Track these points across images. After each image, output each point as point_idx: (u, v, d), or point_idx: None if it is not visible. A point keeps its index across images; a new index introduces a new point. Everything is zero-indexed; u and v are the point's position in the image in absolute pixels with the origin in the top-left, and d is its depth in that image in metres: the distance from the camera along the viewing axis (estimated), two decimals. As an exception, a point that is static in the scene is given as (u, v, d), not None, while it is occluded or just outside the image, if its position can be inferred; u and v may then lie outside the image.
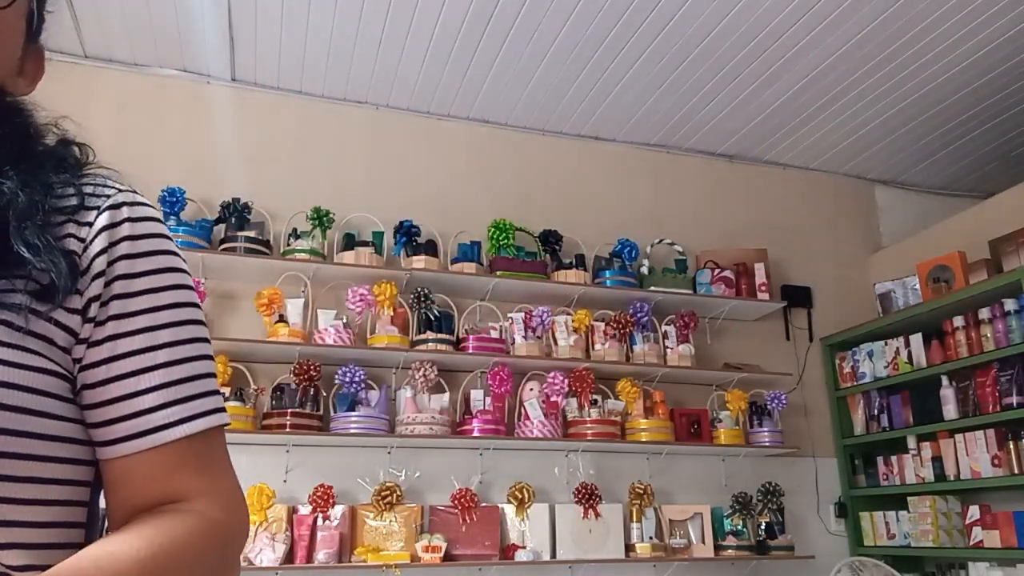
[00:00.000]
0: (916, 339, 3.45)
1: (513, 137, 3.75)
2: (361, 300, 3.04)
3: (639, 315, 3.42)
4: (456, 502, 3.03)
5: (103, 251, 0.63)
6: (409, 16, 2.97)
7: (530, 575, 3.15)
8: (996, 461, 3.07)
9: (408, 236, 3.25)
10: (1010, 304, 3.05)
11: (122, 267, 0.64)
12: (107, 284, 0.63)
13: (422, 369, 3.04)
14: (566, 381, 3.20)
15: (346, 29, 3.04)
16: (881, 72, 3.37)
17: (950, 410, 3.26)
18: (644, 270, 3.57)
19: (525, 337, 3.23)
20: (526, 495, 3.10)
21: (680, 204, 3.93)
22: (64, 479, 0.61)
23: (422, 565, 2.87)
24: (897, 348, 3.53)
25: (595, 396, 3.27)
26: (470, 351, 3.13)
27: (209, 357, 0.67)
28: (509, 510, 3.12)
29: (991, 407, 3.09)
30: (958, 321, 3.26)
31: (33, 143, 0.68)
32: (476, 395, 3.18)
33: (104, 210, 0.65)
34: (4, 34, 0.67)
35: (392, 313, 3.08)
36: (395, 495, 2.93)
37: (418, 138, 3.60)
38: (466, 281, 3.26)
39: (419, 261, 3.19)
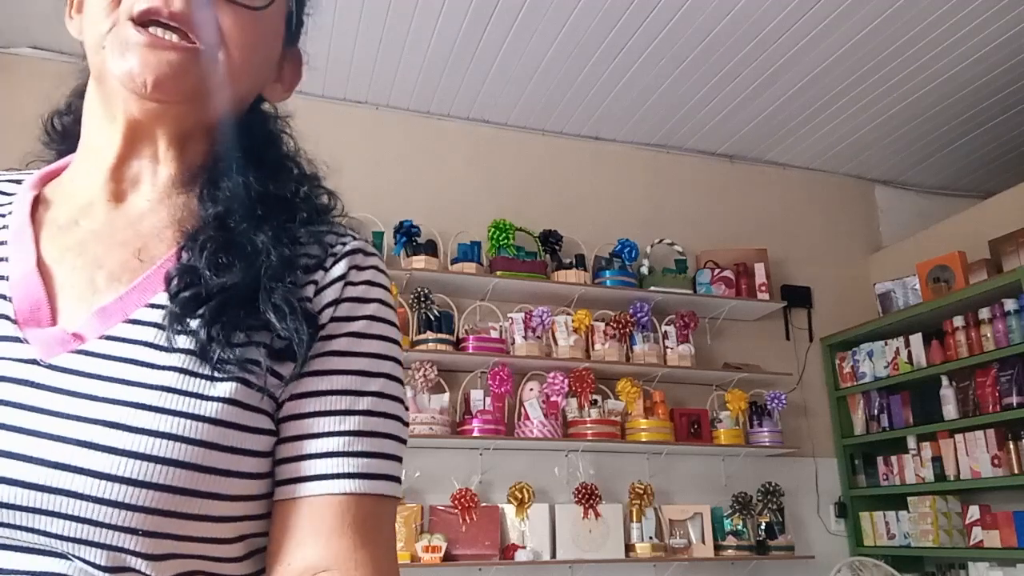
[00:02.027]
0: (916, 339, 3.45)
1: (513, 137, 3.75)
2: (361, 300, 3.03)
3: (639, 315, 3.42)
4: (456, 502, 3.03)
5: (331, 304, 0.62)
6: (409, 16, 2.97)
7: (530, 575, 3.15)
8: (996, 461, 3.07)
9: (408, 236, 3.25)
10: (1010, 304, 3.05)
11: (339, 329, 0.62)
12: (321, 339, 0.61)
13: (422, 369, 3.04)
14: (566, 381, 3.20)
15: (346, 29, 3.04)
16: (881, 72, 3.37)
17: (950, 410, 3.26)
18: (644, 270, 3.57)
19: (525, 337, 3.23)
20: (526, 495, 3.10)
21: (680, 204, 3.93)
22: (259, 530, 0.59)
23: (422, 565, 2.87)
24: (897, 348, 3.53)
25: (595, 396, 3.27)
26: (470, 351, 3.13)
27: (401, 440, 0.63)
28: (509, 510, 3.12)
29: (991, 407, 3.09)
30: (958, 321, 3.26)
31: (286, 177, 0.67)
32: (476, 395, 3.18)
33: (340, 259, 0.64)
34: (263, 37, 0.65)
35: (392, 313, 3.08)
36: (395, 495, 2.93)
37: (418, 138, 3.60)
38: (466, 281, 3.26)
39: (419, 261, 3.19)
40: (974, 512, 3.16)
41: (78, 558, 0.51)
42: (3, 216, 0.62)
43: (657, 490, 3.31)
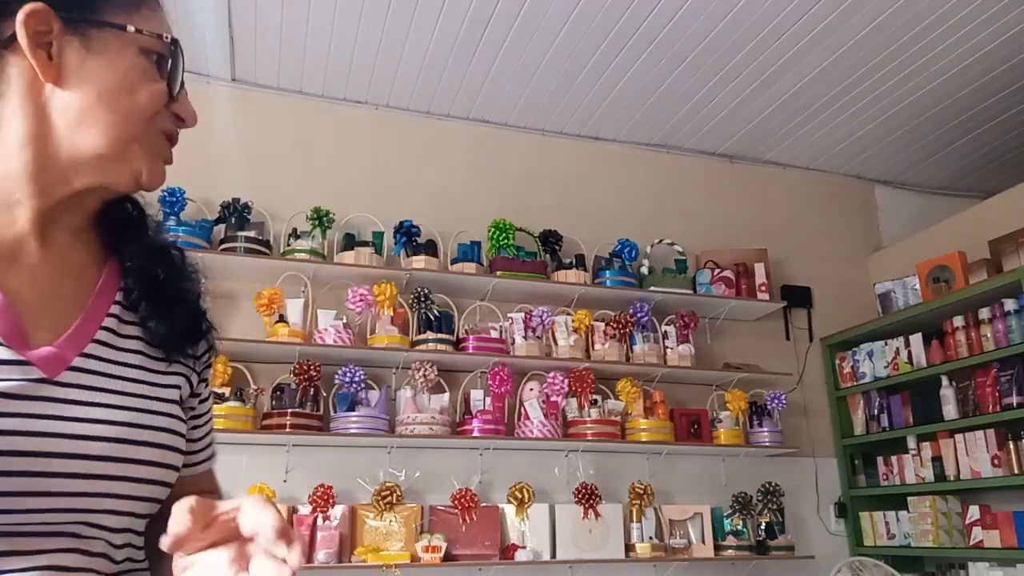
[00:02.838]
0: (916, 339, 3.45)
1: (513, 137, 3.75)
2: (361, 300, 3.04)
3: (639, 315, 3.42)
4: (456, 502, 3.03)
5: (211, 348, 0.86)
6: (409, 16, 2.97)
7: (530, 575, 3.15)
8: (996, 461, 3.07)
9: (408, 236, 3.25)
10: (1010, 304, 3.05)
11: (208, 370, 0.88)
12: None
13: (422, 369, 3.04)
14: (566, 381, 3.19)
15: (346, 29, 3.04)
16: (881, 72, 3.37)
17: (950, 410, 3.26)
18: (644, 270, 3.57)
19: (525, 337, 3.23)
20: (526, 495, 3.09)
21: (680, 204, 3.93)
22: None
23: (422, 565, 2.87)
24: (897, 348, 3.53)
25: (595, 396, 3.27)
26: (470, 351, 3.13)
27: None
28: (509, 510, 3.12)
29: (991, 407, 3.09)
30: (958, 321, 3.26)
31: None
32: (476, 395, 3.18)
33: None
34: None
35: (392, 313, 3.08)
36: (395, 495, 2.93)
37: (418, 138, 3.60)
38: (466, 281, 3.26)
39: (419, 261, 3.19)
40: (974, 512, 3.16)
41: (98, 526, 0.66)
42: None
43: (657, 490, 3.31)
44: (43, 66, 0.66)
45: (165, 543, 0.59)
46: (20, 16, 0.64)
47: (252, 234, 3.02)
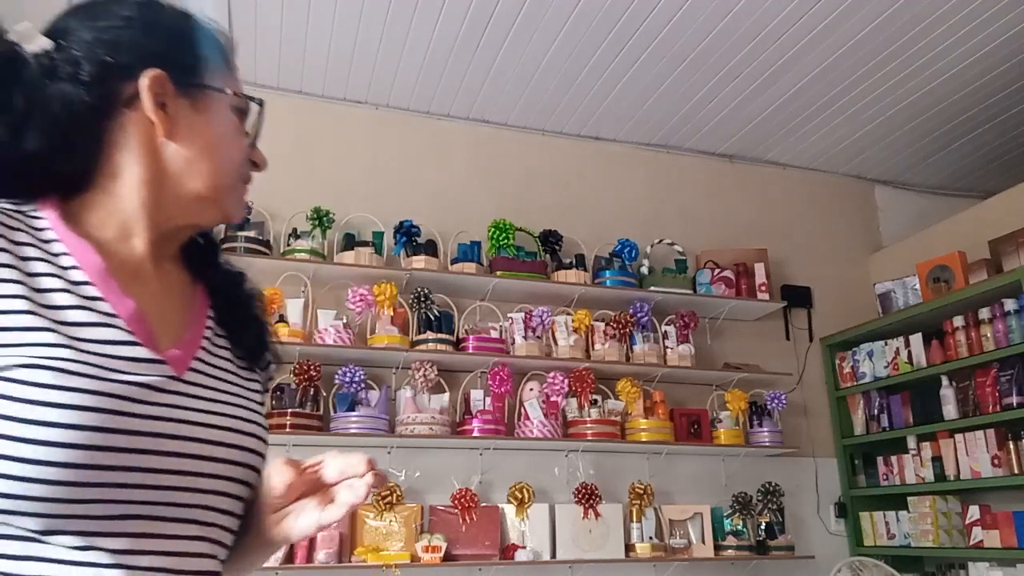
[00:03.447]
0: (916, 339, 3.45)
1: (513, 137, 3.75)
2: (361, 300, 3.04)
3: (639, 315, 3.42)
4: (456, 502, 3.03)
5: None
6: (409, 16, 2.97)
7: (530, 575, 3.15)
8: (996, 461, 3.07)
9: (408, 236, 3.25)
10: (1010, 304, 3.05)
11: None
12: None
13: (422, 369, 3.04)
14: (566, 381, 3.19)
15: (346, 29, 3.04)
16: (881, 72, 3.37)
17: (950, 410, 3.26)
18: (644, 270, 3.57)
19: (525, 337, 3.23)
20: (526, 495, 3.09)
21: (680, 204, 3.93)
22: None
23: (422, 565, 2.87)
24: (897, 348, 3.53)
25: (595, 396, 3.27)
26: (470, 351, 3.13)
27: None
28: (509, 510, 3.12)
29: (991, 407, 3.09)
30: (958, 321, 3.26)
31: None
32: (476, 395, 3.18)
33: None
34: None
35: (392, 313, 3.08)
36: (395, 495, 2.93)
37: (418, 138, 3.60)
38: (466, 281, 3.26)
39: (419, 261, 3.19)
40: (974, 512, 3.16)
41: (215, 509, 0.76)
42: (56, 256, 0.74)
43: (657, 490, 3.31)
44: (161, 122, 0.78)
45: (277, 490, 0.77)
46: (144, 81, 0.76)
47: (252, 234, 3.02)
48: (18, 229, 0.72)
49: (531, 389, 3.21)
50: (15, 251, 0.70)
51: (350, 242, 3.18)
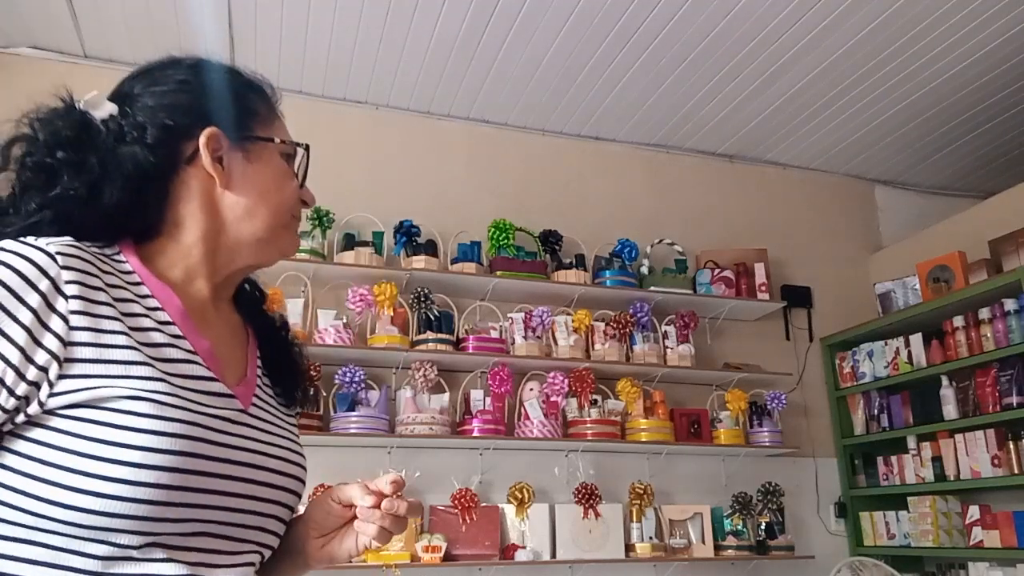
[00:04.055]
0: (916, 339, 3.45)
1: (513, 137, 3.75)
2: (361, 300, 3.04)
3: (639, 315, 3.42)
4: (456, 502, 3.03)
5: None
6: (409, 16, 2.97)
7: (530, 575, 3.15)
8: (996, 461, 3.07)
9: (408, 236, 3.25)
10: (1010, 304, 3.05)
11: None
12: None
13: (422, 369, 3.04)
14: (566, 381, 3.19)
15: (346, 29, 3.04)
16: (881, 72, 3.37)
17: (950, 410, 3.26)
18: (644, 270, 3.57)
19: (525, 337, 3.22)
20: (526, 495, 3.09)
21: (680, 204, 3.93)
22: None
23: (422, 565, 2.87)
24: (897, 348, 3.53)
25: (595, 396, 3.27)
26: (470, 351, 3.13)
27: None
28: (509, 510, 3.12)
29: (991, 407, 3.09)
30: (958, 321, 3.26)
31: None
32: (476, 395, 3.18)
33: None
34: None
35: (392, 313, 3.08)
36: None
37: (418, 138, 3.60)
38: (466, 281, 3.26)
39: (419, 261, 3.19)
40: (974, 512, 3.16)
41: (269, 531, 0.85)
42: (142, 297, 0.80)
43: (657, 490, 3.31)
44: (218, 175, 0.86)
45: (368, 502, 0.89)
46: (202, 139, 0.85)
47: (252, 234, 3.02)
48: (109, 272, 0.79)
49: (531, 389, 3.21)
50: (111, 292, 0.77)
51: (350, 242, 3.17)
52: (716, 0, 2.89)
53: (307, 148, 0.98)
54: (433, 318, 3.14)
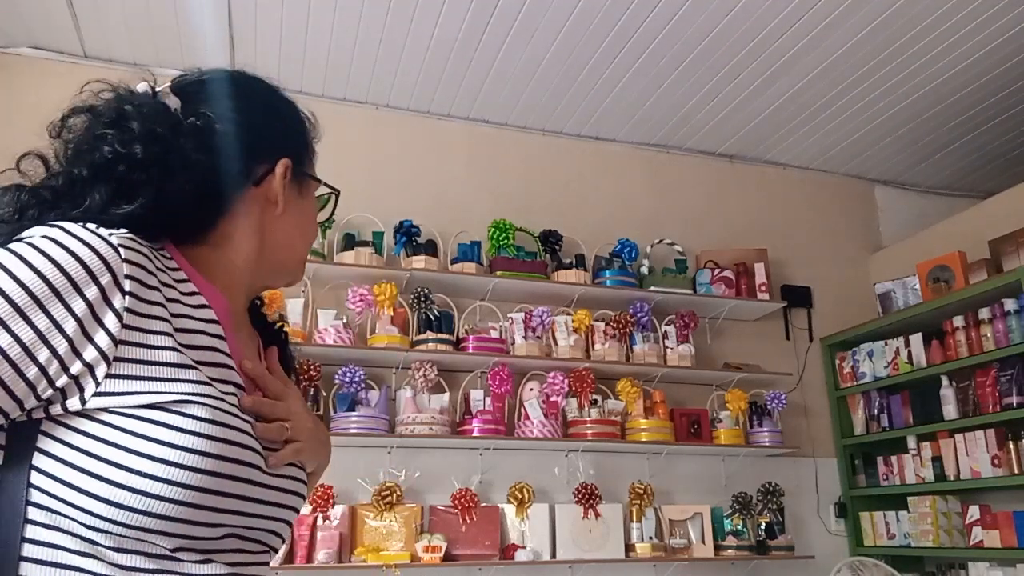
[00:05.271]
0: (916, 339, 3.45)
1: (513, 137, 3.75)
2: (361, 300, 3.04)
3: (639, 315, 3.42)
4: (456, 502, 3.03)
5: None
6: (409, 16, 2.97)
7: (530, 575, 3.15)
8: (996, 461, 3.07)
9: (408, 236, 3.25)
10: (1010, 304, 3.05)
11: None
12: None
13: (422, 369, 3.04)
14: (566, 381, 3.19)
15: (346, 29, 3.04)
16: (881, 72, 3.37)
17: (950, 410, 3.26)
18: (644, 270, 3.57)
19: (525, 337, 3.22)
20: (526, 495, 3.09)
21: (680, 204, 3.93)
22: None
23: (422, 565, 2.87)
24: (897, 348, 3.53)
25: (595, 396, 3.27)
26: (470, 351, 3.13)
27: None
28: (509, 510, 3.12)
29: (991, 407, 3.09)
30: (958, 321, 3.26)
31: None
32: (476, 395, 3.18)
33: None
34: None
35: (392, 313, 3.08)
36: (395, 495, 2.93)
37: (418, 138, 3.60)
38: (466, 281, 3.26)
39: (419, 261, 3.19)
40: (974, 512, 3.16)
41: (280, 536, 0.86)
42: (187, 295, 0.81)
43: (657, 490, 3.31)
44: (282, 204, 0.91)
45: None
46: (279, 168, 0.91)
47: (252, 234, 3.02)
48: (162, 270, 0.79)
49: (531, 389, 3.21)
50: (164, 292, 0.77)
51: (350, 242, 3.18)
52: (716, 0, 2.89)
53: (338, 195, 1.06)
54: (433, 318, 3.14)
